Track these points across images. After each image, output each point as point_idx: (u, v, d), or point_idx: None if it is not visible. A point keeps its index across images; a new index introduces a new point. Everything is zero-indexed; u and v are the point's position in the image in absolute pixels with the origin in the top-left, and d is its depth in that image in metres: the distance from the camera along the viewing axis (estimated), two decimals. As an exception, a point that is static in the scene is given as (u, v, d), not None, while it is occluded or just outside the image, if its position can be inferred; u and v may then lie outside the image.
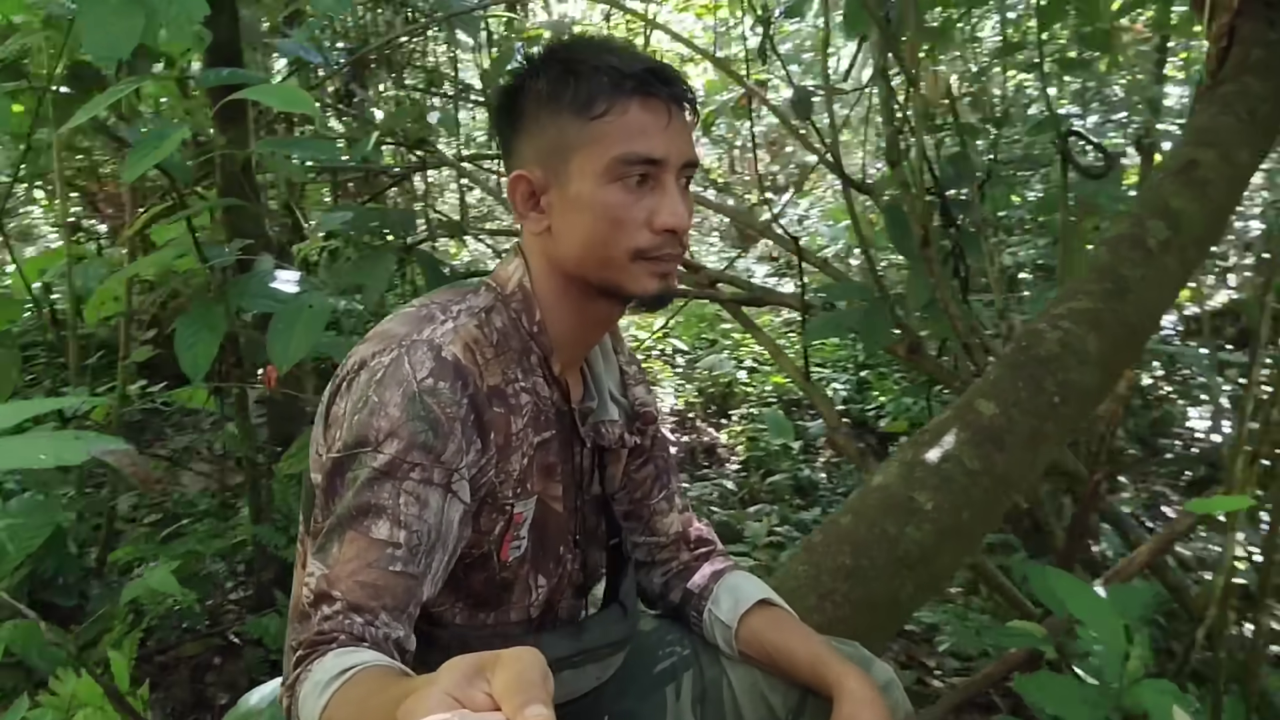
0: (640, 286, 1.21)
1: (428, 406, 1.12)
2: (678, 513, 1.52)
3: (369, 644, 1.05)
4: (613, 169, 1.17)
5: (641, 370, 1.48)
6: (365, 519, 1.09)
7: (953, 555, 1.81)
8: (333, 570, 1.08)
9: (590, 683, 1.39)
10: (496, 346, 1.22)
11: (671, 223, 1.18)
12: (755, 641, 1.40)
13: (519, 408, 1.23)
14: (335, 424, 1.17)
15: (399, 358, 1.15)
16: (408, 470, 1.11)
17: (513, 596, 1.30)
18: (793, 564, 1.76)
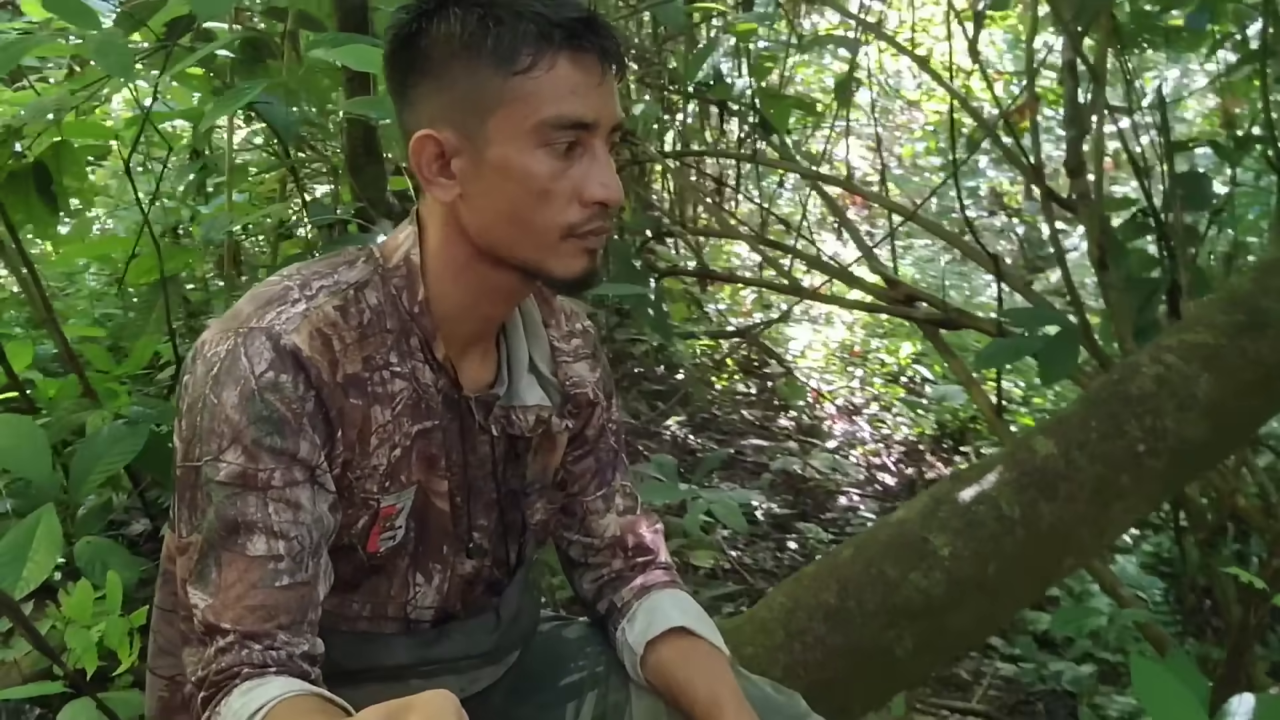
0: (565, 268, 1.07)
1: (270, 405, 1.02)
2: (616, 514, 1.34)
3: (274, 668, 0.99)
4: (539, 133, 1.03)
5: (589, 344, 1.31)
6: (238, 537, 1.01)
7: (973, 614, 1.53)
8: (217, 599, 1.00)
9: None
10: (364, 329, 1.09)
11: (603, 195, 1.05)
12: (661, 672, 1.25)
13: (386, 396, 1.11)
14: (182, 417, 1.08)
15: (235, 350, 1.04)
16: (266, 479, 1.02)
17: (389, 590, 1.19)
18: (775, 593, 1.56)
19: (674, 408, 4.36)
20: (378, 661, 1.17)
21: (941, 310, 3.27)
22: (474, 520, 1.22)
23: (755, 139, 3.84)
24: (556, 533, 1.36)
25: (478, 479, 1.20)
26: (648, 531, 1.37)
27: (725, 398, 4.73)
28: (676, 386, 4.55)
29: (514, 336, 1.23)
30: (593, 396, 1.28)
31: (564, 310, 1.30)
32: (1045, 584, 1.61)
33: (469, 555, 1.22)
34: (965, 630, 1.54)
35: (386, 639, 1.18)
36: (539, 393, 1.23)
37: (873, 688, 1.53)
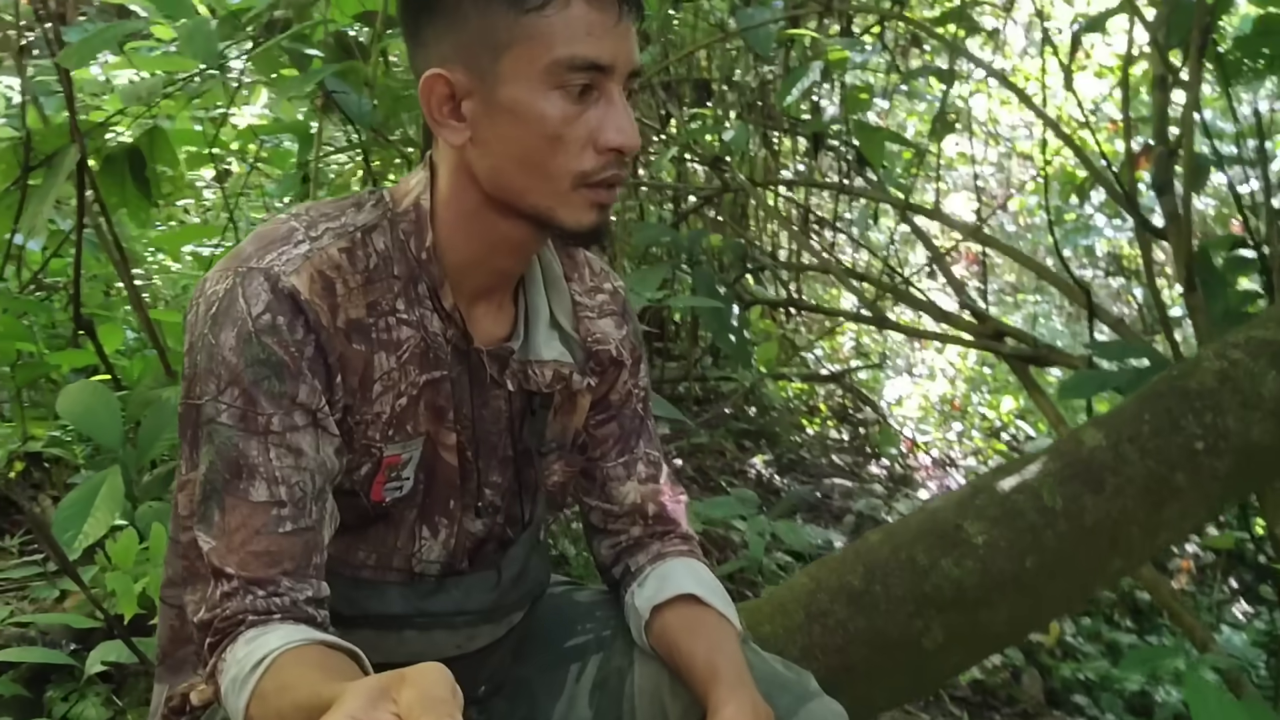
0: (575, 219, 1.04)
1: (267, 348, 1.00)
2: (637, 482, 1.30)
3: (279, 615, 0.98)
4: (553, 73, 0.99)
5: (617, 304, 1.28)
6: (239, 481, 1.00)
7: (1008, 611, 1.44)
8: (220, 542, 1.00)
9: (448, 650, 1.21)
10: (370, 272, 1.07)
11: (619, 141, 1.01)
12: (664, 639, 1.20)
13: (392, 343, 1.08)
14: (185, 353, 1.07)
15: (233, 290, 1.02)
16: (265, 423, 1.00)
17: (396, 541, 1.16)
18: (797, 575, 1.49)
19: (761, 446, 4.30)
20: (372, 609, 1.14)
21: (1030, 346, 3.15)
22: (486, 477, 1.18)
23: (849, 172, 3.81)
24: (578, 497, 1.32)
25: (491, 434, 1.17)
26: (670, 501, 1.32)
27: (815, 442, 4.63)
28: (765, 427, 4.49)
29: (533, 290, 1.19)
30: (615, 354, 1.24)
31: (590, 265, 1.27)
32: (1090, 586, 1.49)
33: (479, 514, 1.19)
34: (999, 628, 1.44)
35: (383, 588, 1.15)
36: (558, 348, 1.19)
37: (897, 681, 1.45)
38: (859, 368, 4.81)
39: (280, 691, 0.89)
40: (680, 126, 3.89)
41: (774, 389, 4.68)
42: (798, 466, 4.28)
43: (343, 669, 0.93)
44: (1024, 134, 5.71)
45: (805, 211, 4.30)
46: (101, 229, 2.38)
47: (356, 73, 2.48)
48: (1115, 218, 5.57)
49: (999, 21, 4.43)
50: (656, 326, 4.62)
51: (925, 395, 5.18)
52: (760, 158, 4.24)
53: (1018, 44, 5.55)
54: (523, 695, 1.31)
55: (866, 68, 3.93)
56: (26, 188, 2.29)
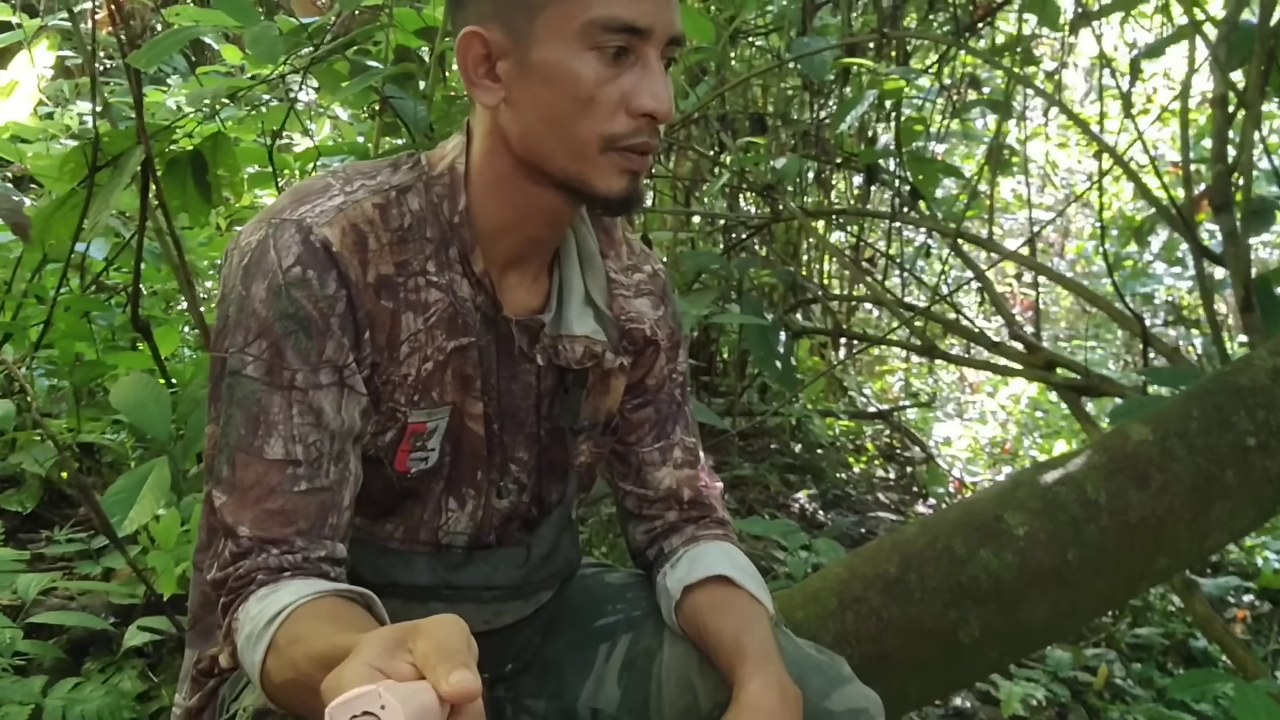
0: (605, 184, 1.02)
1: (295, 302, 0.99)
2: (673, 467, 1.29)
3: (290, 572, 0.98)
4: (588, 34, 0.97)
5: (656, 286, 1.26)
6: (256, 437, 0.99)
7: (1048, 607, 1.40)
8: (232, 498, 0.99)
9: (475, 625, 1.20)
10: (403, 232, 1.06)
11: (652, 106, 0.99)
12: (693, 619, 1.19)
13: (419, 304, 1.07)
14: (218, 305, 1.08)
15: (265, 241, 1.01)
16: (290, 378, 0.99)
17: (423, 514, 1.15)
18: (832, 564, 1.46)
19: (806, 481, 4.26)
20: (399, 579, 1.13)
21: (1082, 376, 3.10)
22: (511, 452, 1.17)
23: (902, 206, 3.80)
24: (613, 482, 1.31)
25: (519, 409, 1.16)
26: (706, 486, 1.31)
27: (861, 479, 4.58)
28: (811, 463, 4.45)
29: (567, 265, 1.18)
30: (650, 334, 1.22)
31: (629, 244, 1.25)
32: (1134, 584, 1.45)
33: (500, 494, 1.18)
34: (1039, 624, 1.40)
35: (410, 558, 1.14)
36: (591, 324, 1.18)
37: (932, 674, 1.41)
38: (908, 405, 4.75)
39: (295, 644, 0.88)
40: (733, 156, 3.91)
41: (821, 425, 4.64)
42: (843, 502, 4.23)
43: (357, 619, 0.92)
44: (1082, 179, 5.67)
45: (857, 242, 4.29)
46: (162, 229, 2.44)
47: (415, 84, 2.54)
48: (1175, 264, 5.50)
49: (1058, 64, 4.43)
50: (704, 360, 4.63)
51: (975, 437, 5.10)
52: (812, 189, 4.25)
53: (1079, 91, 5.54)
54: (551, 674, 1.30)
55: (922, 107, 3.93)
56: (93, 187, 2.37)
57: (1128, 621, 3.29)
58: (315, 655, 0.82)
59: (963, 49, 3.40)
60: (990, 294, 3.31)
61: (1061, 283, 3.19)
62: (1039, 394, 5.24)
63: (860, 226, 4.25)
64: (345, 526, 1.04)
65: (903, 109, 3.85)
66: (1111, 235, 5.29)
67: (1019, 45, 3.28)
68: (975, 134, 4.75)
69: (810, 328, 4.05)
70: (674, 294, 1.30)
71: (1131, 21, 3.73)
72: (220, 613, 1.00)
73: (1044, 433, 5.32)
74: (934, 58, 4.01)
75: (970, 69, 4.25)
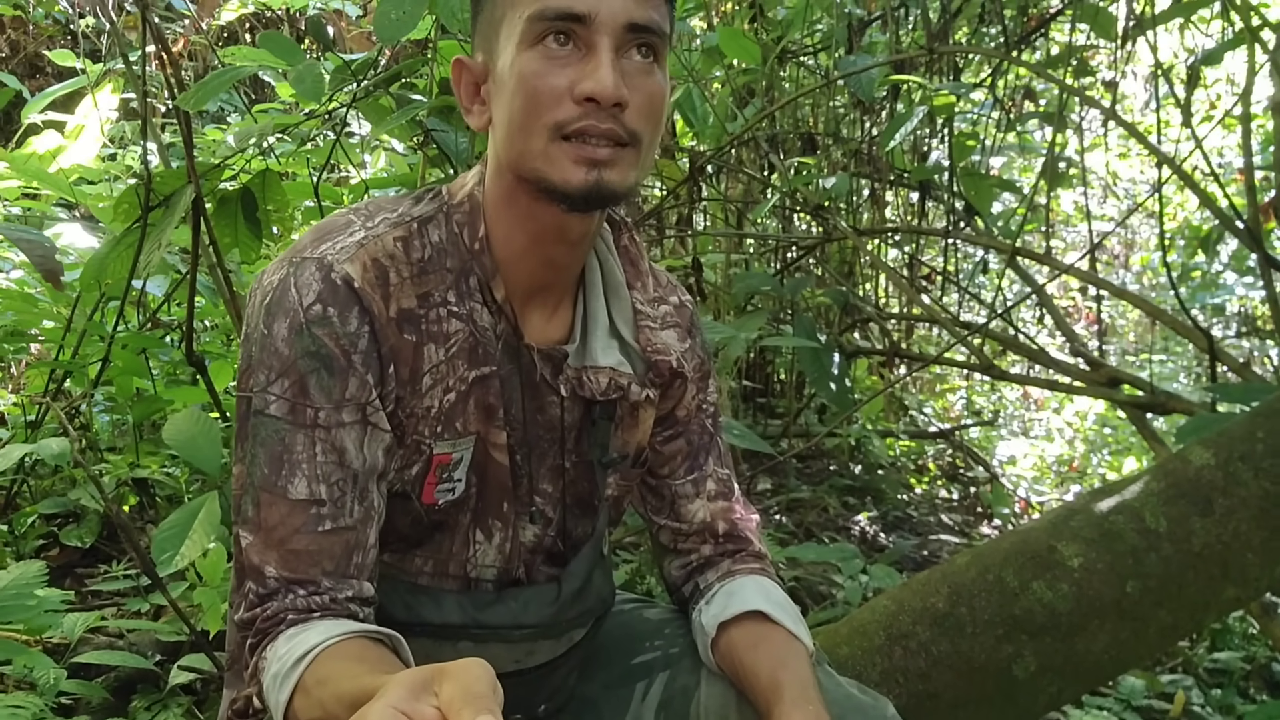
0: (562, 176, 0.99)
1: (317, 340, 0.99)
2: (706, 500, 1.27)
3: (319, 613, 0.98)
4: (531, 30, 0.98)
5: (684, 318, 1.24)
6: (279, 476, 1.00)
7: (1108, 639, 1.34)
8: (258, 538, 1.00)
9: (505, 665, 1.18)
10: (424, 263, 1.06)
11: (590, 88, 0.96)
12: (729, 656, 1.16)
13: (441, 335, 1.06)
14: (241, 345, 1.08)
15: (286, 279, 1.01)
16: (313, 416, 0.99)
17: (451, 546, 1.14)
18: (879, 598, 1.42)
19: (866, 504, 4.19)
20: (428, 617, 1.12)
21: (1147, 393, 3.00)
22: (536, 484, 1.16)
23: (957, 223, 3.73)
24: (647, 516, 1.29)
25: (542, 441, 1.15)
26: (741, 518, 1.28)
27: (923, 500, 4.49)
28: (871, 484, 4.38)
29: (592, 295, 1.17)
30: (676, 365, 1.20)
31: (655, 276, 1.24)
32: (1201, 615, 1.38)
33: (530, 520, 1.17)
34: (1098, 657, 1.34)
35: (439, 595, 1.13)
36: (616, 356, 1.16)
37: (986, 712, 1.36)
38: (969, 425, 4.66)
39: (322, 684, 0.88)
40: (783, 176, 3.88)
41: (880, 446, 4.57)
42: (904, 524, 4.15)
43: (384, 661, 0.91)
44: (1145, 190, 5.54)
45: (912, 259, 4.22)
46: (214, 267, 2.47)
47: (458, 116, 2.55)
48: (1246, 274, 5.33)
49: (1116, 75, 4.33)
50: (760, 382, 4.58)
51: (1041, 456, 4.99)
52: (867, 208, 4.20)
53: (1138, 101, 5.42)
54: (587, 712, 1.28)
55: (977, 122, 3.87)
56: (146, 226, 2.41)
57: (1206, 645, 3.17)
58: (343, 696, 0.82)
59: (1015, 62, 3.33)
60: (1050, 309, 3.23)
61: (1122, 296, 3.10)
62: (1107, 410, 5.10)
63: (916, 244, 4.18)
64: (371, 565, 1.04)
65: (955, 124, 3.79)
66: (1178, 246, 5.15)
67: (1072, 56, 3.20)
68: (1033, 147, 4.67)
69: (865, 348, 3.98)
70: (702, 325, 1.28)
71: (1190, 28, 3.64)
72: (248, 652, 0.99)
73: (1112, 450, 5.18)
74: (987, 72, 3.94)
75: (1025, 82, 4.18)
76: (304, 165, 3.06)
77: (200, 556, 1.85)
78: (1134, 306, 3.41)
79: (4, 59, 5.19)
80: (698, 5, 3.73)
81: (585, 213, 1.04)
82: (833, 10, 3.67)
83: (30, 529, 2.39)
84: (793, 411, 4.26)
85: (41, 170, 3.11)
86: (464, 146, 2.23)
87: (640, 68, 1.01)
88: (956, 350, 4.06)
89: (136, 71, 2.56)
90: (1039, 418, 5.40)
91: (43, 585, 1.40)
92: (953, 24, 3.85)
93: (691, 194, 4.01)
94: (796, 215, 4.15)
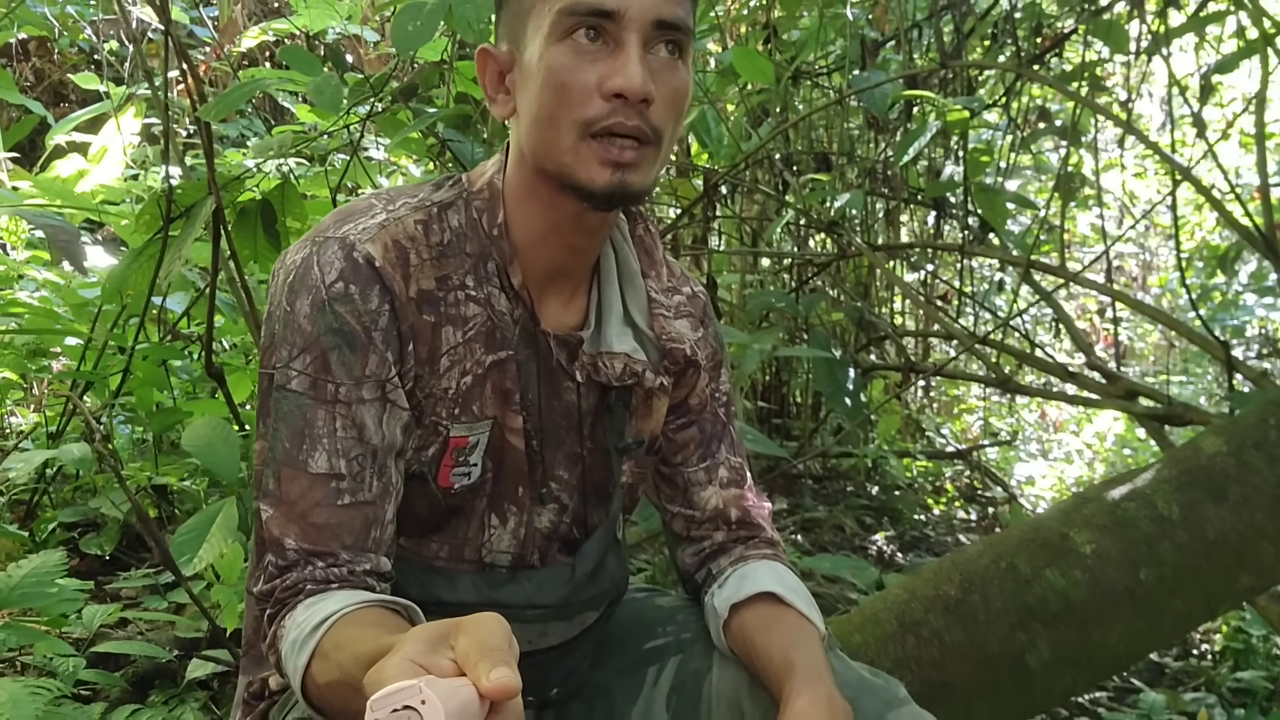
0: (588, 175, 1.00)
1: (339, 317, 1.01)
2: (719, 487, 1.27)
3: (337, 584, 1.00)
4: (560, 23, 0.99)
5: (697, 308, 1.25)
6: (300, 451, 1.01)
7: (1123, 627, 1.33)
8: (279, 511, 1.01)
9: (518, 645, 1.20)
10: (443, 247, 1.07)
11: (620, 84, 0.97)
12: (741, 638, 1.16)
13: (460, 318, 1.08)
14: (265, 323, 1.09)
15: (309, 258, 1.03)
16: (334, 391, 1.01)
17: (467, 531, 1.15)
18: (893, 586, 1.42)
19: (883, 524, 4.17)
20: (443, 596, 1.13)
21: (1164, 404, 2.99)
22: (551, 469, 1.17)
23: (972, 240, 3.74)
24: (660, 505, 1.30)
25: (560, 427, 1.16)
26: (754, 506, 1.29)
27: (941, 521, 4.47)
28: (888, 505, 4.36)
29: (607, 283, 1.18)
30: (690, 353, 1.21)
31: (669, 266, 1.25)
32: (1215, 603, 1.37)
33: (542, 502, 1.18)
34: (1113, 646, 1.34)
35: (454, 575, 1.15)
36: (631, 343, 1.17)
37: (1001, 701, 1.35)
38: (988, 445, 4.64)
39: (340, 648, 0.89)
40: (797, 194, 3.90)
41: (897, 466, 4.55)
42: (921, 544, 4.12)
43: (401, 628, 0.92)
44: (1163, 210, 5.53)
45: (927, 277, 4.23)
46: (233, 280, 2.50)
47: (474, 127, 2.59)
48: (1265, 294, 5.31)
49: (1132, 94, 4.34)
50: (775, 403, 4.58)
51: (1060, 477, 4.96)
52: (882, 226, 4.21)
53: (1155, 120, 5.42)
54: (600, 698, 1.28)
55: (991, 141, 3.88)
56: (167, 238, 2.45)
57: (1229, 665, 3.13)
58: (360, 656, 0.82)
59: (1029, 77, 3.35)
60: (1065, 322, 3.23)
61: (1137, 307, 3.10)
62: (1126, 431, 5.08)
63: (933, 262, 4.19)
64: (388, 541, 1.05)
65: (969, 142, 3.81)
66: (1196, 266, 5.14)
67: (1085, 72, 3.22)
68: (1049, 167, 4.67)
69: (880, 364, 3.98)
70: (714, 316, 1.29)
71: (1206, 46, 3.65)
72: (266, 623, 1.00)
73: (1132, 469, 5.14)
74: (1002, 90, 3.96)
75: (1040, 101, 4.19)
76: (323, 185, 3.10)
77: (218, 557, 1.87)
78: (1149, 319, 3.40)
79: (29, 86, 5.28)
80: (712, 27, 3.77)
81: (607, 211, 1.06)
82: (846, 31, 3.70)
83: (51, 535, 2.41)
84: (806, 430, 4.25)
85: (67, 191, 3.16)
86: (479, 156, 2.25)
87: (666, 64, 1.02)
88: (973, 366, 4.05)
89: (159, 92, 2.60)
90: (1057, 439, 5.37)
91: (62, 575, 1.41)
92: (966, 43, 3.87)
93: (706, 213, 4.03)
94: (812, 235, 4.17)
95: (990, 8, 3.87)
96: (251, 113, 5.13)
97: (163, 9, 2.28)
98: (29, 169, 4.02)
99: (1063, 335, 3.67)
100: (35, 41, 5.21)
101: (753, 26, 4.20)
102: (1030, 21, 3.80)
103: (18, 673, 1.45)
